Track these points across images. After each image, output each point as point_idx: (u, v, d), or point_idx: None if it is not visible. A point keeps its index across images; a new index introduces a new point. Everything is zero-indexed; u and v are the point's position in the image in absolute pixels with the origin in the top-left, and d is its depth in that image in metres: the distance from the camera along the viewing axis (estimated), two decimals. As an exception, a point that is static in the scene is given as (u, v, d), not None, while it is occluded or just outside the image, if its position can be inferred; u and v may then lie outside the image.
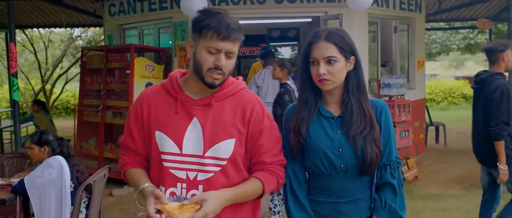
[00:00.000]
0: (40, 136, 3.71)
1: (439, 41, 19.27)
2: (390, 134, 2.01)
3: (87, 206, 3.72)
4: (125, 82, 6.96)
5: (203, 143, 1.86)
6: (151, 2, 7.41)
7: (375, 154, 1.94)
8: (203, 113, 1.88)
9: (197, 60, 1.83)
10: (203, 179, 1.86)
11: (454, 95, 17.44)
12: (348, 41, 1.96)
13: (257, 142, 1.94)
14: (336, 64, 1.92)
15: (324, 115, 2.01)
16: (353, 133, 1.93)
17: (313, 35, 1.99)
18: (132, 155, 2.01)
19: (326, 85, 1.94)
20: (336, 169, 1.97)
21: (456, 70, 32.17)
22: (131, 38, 8.23)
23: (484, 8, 11.17)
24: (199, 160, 1.86)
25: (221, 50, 1.80)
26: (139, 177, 1.93)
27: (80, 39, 14.39)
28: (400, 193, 2.01)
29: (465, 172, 7.24)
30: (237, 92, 1.96)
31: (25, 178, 3.59)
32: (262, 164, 1.95)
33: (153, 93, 1.98)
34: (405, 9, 8.02)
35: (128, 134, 2.01)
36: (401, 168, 2.03)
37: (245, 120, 1.92)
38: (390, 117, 2.04)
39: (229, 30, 1.78)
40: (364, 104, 1.97)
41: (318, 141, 1.97)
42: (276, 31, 10.71)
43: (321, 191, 2.03)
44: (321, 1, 6.99)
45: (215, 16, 1.80)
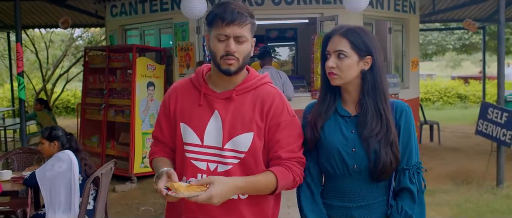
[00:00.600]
0: (50, 131, 3.90)
1: (435, 42, 19.49)
2: (410, 137, 1.94)
3: (95, 198, 3.92)
4: (127, 82, 7.16)
5: (223, 135, 1.90)
6: (152, 3, 7.61)
7: (390, 159, 1.87)
8: (224, 106, 1.92)
9: (211, 50, 1.89)
10: (222, 171, 1.89)
11: (450, 95, 17.66)
12: (365, 40, 1.91)
13: (275, 136, 1.93)
14: (346, 60, 1.89)
15: (341, 113, 1.98)
16: (366, 134, 1.89)
17: (332, 30, 1.98)
18: (160, 145, 2.07)
19: (333, 79, 1.91)
20: (349, 170, 1.92)
21: (452, 70, 32.35)
22: (132, 38, 8.43)
23: (478, 10, 11.38)
24: (219, 152, 1.90)
25: (229, 35, 1.83)
26: (163, 163, 1.96)
27: (81, 39, 14.55)
28: (419, 199, 1.93)
29: (457, 169, 7.45)
30: (260, 87, 1.97)
31: (36, 171, 3.79)
32: (278, 159, 1.93)
33: (181, 86, 2.04)
34: (400, 10, 8.24)
35: (157, 125, 2.08)
36: (422, 173, 1.95)
37: (263, 113, 1.92)
38: (411, 120, 1.96)
39: (233, 15, 1.81)
40: (380, 106, 1.91)
41: (332, 138, 1.94)
42: (274, 31, 10.92)
43: (334, 194, 1.99)
44: (317, 3, 7.20)
45: (223, 5, 1.84)
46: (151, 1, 7.59)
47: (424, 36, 19.49)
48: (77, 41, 14.75)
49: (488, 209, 5.42)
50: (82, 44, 14.77)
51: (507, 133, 5.95)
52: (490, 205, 5.57)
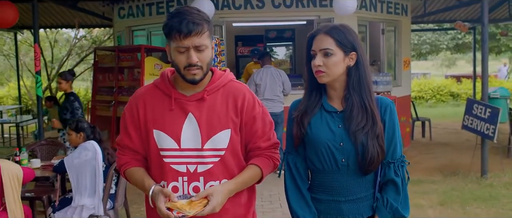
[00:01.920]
0: (77, 124, 4.36)
1: (429, 42, 19.96)
2: (394, 132, 1.99)
3: (116, 183, 4.38)
4: (136, 80, 7.58)
5: (201, 136, 1.93)
6: (159, 6, 8.04)
7: (377, 151, 1.92)
8: (197, 108, 1.95)
9: (173, 62, 1.91)
10: (203, 171, 1.93)
11: (442, 93, 18.15)
12: (348, 37, 1.95)
13: (252, 129, 2.01)
14: (332, 57, 1.93)
15: (327, 109, 2.01)
16: (353, 128, 1.93)
17: (315, 29, 2.02)
18: (130, 153, 2.05)
19: (321, 77, 1.95)
20: (337, 164, 1.96)
21: (448, 69, 32.76)
22: (139, 38, 8.85)
23: (468, 11, 11.86)
24: (199, 153, 1.93)
25: (188, 47, 1.84)
26: (142, 177, 1.98)
27: (85, 39, 14.96)
28: (403, 192, 1.99)
29: (447, 162, 7.91)
30: (227, 84, 2.02)
31: (64, 159, 4.24)
32: (258, 150, 2.03)
33: (147, 93, 2.03)
34: (392, 12, 8.70)
35: (125, 133, 2.04)
36: (406, 167, 2.02)
37: (237, 109, 1.98)
38: (395, 115, 2.02)
39: (189, 26, 1.81)
40: (366, 100, 1.96)
41: (319, 134, 1.97)
42: (273, 32, 11.37)
43: (322, 188, 2.03)
44: (314, 6, 7.66)
45: (177, 16, 1.84)
46: (157, 3, 8.02)
47: (419, 36, 19.96)
48: (81, 41, 15.14)
49: (471, 197, 5.89)
50: (86, 44, 15.18)
51: (490, 127, 6.44)
52: (474, 193, 6.05)
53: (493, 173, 6.92)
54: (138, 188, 2.03)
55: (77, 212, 4.15)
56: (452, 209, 5.42)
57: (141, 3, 8.24)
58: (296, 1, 7.65)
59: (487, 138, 6.59)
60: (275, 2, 7.62)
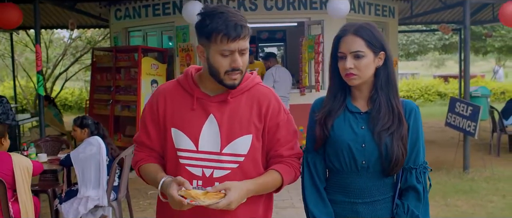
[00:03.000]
0: (82, 120, 4.63)
1: (417, 42, 20.37)
2: (418, 137, 1.93)
3: (119, 176, 4.66)
4: (133, 79, 7.86)
5: (220, 140, 1.85)
6: (155, 8, 8.31)
7: (402, 152, 1.87)
8: (219, 110, 1.87)
9: (212, 65, 1.81)
10: (219, 176, 1.85)
11: (430, 93, 18.60)
12: (377, 36, 1.90)
13: (275, 136, 1.92)
14: (364, 59, 1.87)
15: (351, 109, 1.95)
16: (379, 129, 1.87)
17: (342, 29, 1.94)
18: (147, 151, 1.99)
19: (352, 80, 1.90)
20: (357, 166, 1.91)
21: (437, 69, 33.28)
22: (135, 39, 9.11)
23: (454, 13, 12.23)
24: (216, 157, 1.85)
25: (234, 50, 1.77)
26: (156, 171, 1.91)
27: (80, 40, 15.19)
28: (424, 199, 1.94)
29: (432, 159, 8.24)
30: (253, 87, 1.94)
31: (70, 153, 4.51)
32: (280, 157, 1.94)
33: (169, 89, 1.96)
34: (380, 14, 9.03)
35: (143, 130, 1.98)
36: (428, 173, 1.96)
37: (261, 114, 1.89)
38: (420, 120, 1.96)
39: (237, 30, 1.74)
40: (393, 101, 1.91)
41: (342, 135, 1.91)
42: (265, 33, 11.70)
43: (339, 189, 1.98)
44: (305, 9, 7.98)
45: (220, 17, 1.74)
46: (154, 5, 8.29)
47: (407, 36, 20.36)
48: (76, 42, 15.36)
49: (453, 190, 6.23)
50: (81, 44, 15.40)
51: (472, 124, 6.78)
52: (455, 186, 6.39)
53: (474, 168, 7.28)
54: (151, 183, 1.95)
55: (82, 203, 4.42)
56: (434, 201, 5.74)
57: (137, 5, 8.50)
58: (287, 4, 7.96)
59: (469, 135, 6.93)
60: (268, 4, 7.92)
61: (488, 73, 27.14)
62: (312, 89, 7.83)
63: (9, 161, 4.01)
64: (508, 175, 6.94)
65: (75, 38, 15.01)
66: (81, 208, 4.42)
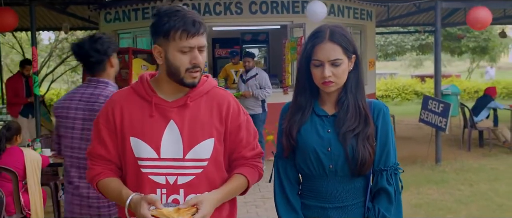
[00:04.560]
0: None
1: (394, 43, 21.05)
2: (388, 138, 1.90)
3: (119, 168, 5.05)
4: (124, 80, 8.20)
5: (183, 146, 1.81)
6: (145, 11, 8.69)
7: (369, 152, 1.84)
8: (179, 115, 1.83)
9: (171, 64, 1.77)
10: (183, 183, 1.82)
11: (407, 92, 19.28)
12: (350, 40, 1.87)
13: (237, 138, 1.91)
14: (341, 66, 1.84)
15: (318, 113, 1.93)
16: (344, 130, 1.85)
17: (315, 35, 1.88)
18: (104, 163, 1.90)
19: (330, 87, 1.87)
20: (325, 170, 1.89)
21: (415, 69, 34.06)
22: (124, 41, 9.46)
23: (429, 15, 12.84)
24: (179, 163, 1.81)
25: (194, 47, 1.75)
26: (119, 187, 1.83)
27: (66, 41, 15.43)
28: (396, 201, 1.90)
29: (408, 153, 8.73)
30: (211, 90, 1.91)
31: (74, 148, 4.89)
32: (243, 159, 1.93)
33: (124, 97, 1.90)
34: (358, 18, 9.54)
35: (98, 141, 1.89)
36: (399, 174, 1.92)
37: (222, 117, 1.87)
38: (388, 120, 1.93)
39: (196, 26, 1.73)
40: (360, 102, 1.89)
41: (308, 140, 1.90)
42: (248, 35, 12.11)
43: (311, 194, 1.96)
44: (287, 12, 8.45)
45: (176, 15, 1.74)
46: (143, 9, 8.67)
47: (385, 38, 21.02)
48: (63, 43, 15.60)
49: (425, 180, 6.76)
50: (67, 46, 15.64)
51: (443, 120, 7.32)
52: (428, 177, 6.92)
53: (446, 161, 7.83)
54: (113, 199, 1.92)
55: (85, 193, 4.80)
56: (409, 191, 6.23)
57: (127, 9, 8.86)
58: (271, 8, 8.41)
59: (440, 130, 7.47)
60: (252, 8, 8.37)
61: (463, 73, 28.01)
62: (294, 89, 8.28)
63: (21, 155, 4.37)
64: (476, 167, 7.50)
65: (62, 40, 15.25)
66: (84, 198, 4.79)
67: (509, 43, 27.11)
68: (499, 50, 24.28)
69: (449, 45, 19.45)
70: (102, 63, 2.68)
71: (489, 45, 19.41)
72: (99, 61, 2.67)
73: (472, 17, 7.78)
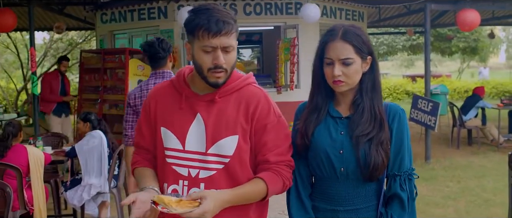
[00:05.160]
0: (85, 115, 5.15)
1: (386, 43, 21.29)
2: (403, 142, 1.85)
3: (119, 165, 5.20)
4: (120, 80, 8.35)
5: (206, 140, 1.82)
6: (141, 12, 8.83)
7: (381, 158, 1.80)
8: (207, 109, 1.83)
9: (196, 62, 1.79)
10: (205, 177, 1.82)
11: (398, 92, 19.53)
12: (365, 41, 1.84)
13: (262, 139, 1.84)
14: (352, 66, 1.81)
15: (332, 114, 1.91)
16: (358, 133, 1.82)
17: (328, 33, 1.87)
18: (143, 153, 1.99)
19: (340, 87, 1.84)
20: (336, 173, 1.86)
21: (406, 69, 34.40)
22: (120, 41, 9.60)
23: (419, 16, 13.07)
24: (202, 157, 1.82)
25: (216, 47, 1.73)
26: (146, 176, 1.91)
27: (61, 42, 15.52)
28: (410, 207, 1.86)
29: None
30: (244, 87, 1.88)
31: (75, 145, 5.03)
32: (267, 163, 1.85)
33: (161, 89, 1.96)
34: (350, 19, 9.74)
35: (138, 132, 2.00)
36: (414, 180, 1.89)
37: (248, 115, 1.84)
38: (404, 124, 1.87)
39: (219, 25, 1.70)
40: (376, 106, 1.85)
41: (320, 141, 1.88)
42: (243, 35, 12.28)
43: (322, 196, 1.94)
44: (281, 14, 8.63)
45: (204, 13, 1.72)
46: (139, 10, 8.81)
47: (377, 38, 21.24)
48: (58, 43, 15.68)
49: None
50: (62, 46, 15.74)
51: (432, 119, 7.54)
52: (417, 174, 7.11)
53: (435, 158, 8.05)
54: (140, 188, 1.93)
55: (86, 190, 4.94)
56: (398, 187, 6.45)
57: (123, 10, 8.99)
58: (265, 9, 8.59)
59: (429, 128, 7.69)
60: (247, 10, 8.54)
61: (454, 73, 28.35)
62: (287, 88, 8.46)
63: (24, 152, 4.52)
64: (464, 164, 7.73)
65: (56, 40, 15.33)
66: (85, 194, 4.94)
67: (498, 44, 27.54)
68: (489, 51, 24.66)
69: (439, 46, 19.68)
70: (165, 58, 3.46)
71: (478, 45, 19.68)
72: (163, 57, 3.44)
73: (461, 19, 8.00)
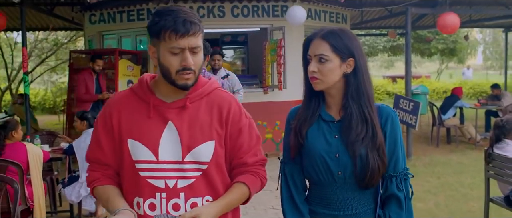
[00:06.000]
0: (82, 114, 5.32)
1: (367, 44, 21.69)
2: (396, 143, 1.87)
3: (115, 163, 5.39)
4: (110, 79, 8.51)
5: (181, 148, 1.76)
6: (130, 14, 8.98)
7: (378, 164, 1.81)
8: (178, 116, 1.78)
9: (162, 64, 1.73)
10: (184, 186, 1.76)
11: (379, 92, 19.94)
12: (346, 42, 1.83)
13: (237, 142, 1.84)
14: (327, 64, 1.82)
15: (324, 118, 1.91)
16: (352, 139, 1.82)
17: (312, 33, 1.91)
18: (102, 169, 1.86)
19: (316, 84, 1.86)
20: (333, 177, 1.86)
21: (386, 70, 34.93)
22: (109, 41, 9.72)
23: (400, 19, 13.44)
24: (179, 166, 1.76)
25: (184, 48, 1.69)
26: (109, 197, 1.79)
27: (46, 42, 15.53)
28: (407, 207, 1.88)
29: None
30: (212, 92, 1.86)
31: (73, 143, 5.20)
32: (245, 166, 1.86)
33: (122, 99, 1.86)
34: (334, 21, 10.03)
35: (96, 145, 1.86)
36: (409, 180, 1.90)
37: (222, 120, 1.82)
38: (397, 125, 1.90)
39: (186, 26, 1.67)
40: (365, 110, 1.84)
41: (315, 145, 1.88)
42: (228, 36, 12.48)
43: (319, 201, 1.93)
44: (268, 16, 8.88)
45: (169, 14, 1.68)
46: (128, 12, 8.96)
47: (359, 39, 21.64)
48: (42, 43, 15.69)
49: (397, 174, 7.27)
50: (47, 46, 15.75)
51: (413, 118, 7.85)
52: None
53: (416, 156, 8.39)
54: (106, 209, 1.87)
55: (83, 186, 5.11)
56: (382, 183, 6.74)
57: (112, 11, 9.13)
58: (252, 12, 8.82)
59: (411, 127, 8.01)
60: (234, 12, 8.76)
61: (433, 74, 28.96)
62: (274, 88, 8.70)
63: (24, 150, 4.67)
64: (443, 161, 8.08)
65: (41, 40, 15.35)
66: (82, 190, 5.11)
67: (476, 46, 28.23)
68: (467, 52, 25.28)
69: (419, 47, 20.13)
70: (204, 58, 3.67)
71: (457, 47, 20.20)
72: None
73: (441, 23, 8.34)
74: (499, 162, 4.26)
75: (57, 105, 16.40)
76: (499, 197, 4.45)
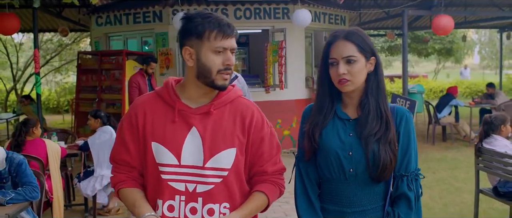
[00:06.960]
0: (96, 112, 5.63)
1: (365, 45, 22.01)
2: (410, 143, 1.90)
3: (127, 158, 5.69)
4: (117, 80, 8.80)
5: (203, 153, 1.79)
6: (136, 16, 9.29)
7: (390, 158, 1.83)
8: (202, 122, 1.81)
9: (203, 64, 1.77)
10: (202, 191, 1.80)
11: (378, 91, 20.23)
12: (367, 41, 1.87)
13: (258, 151, 1.87)
14: (356, 64, 1.84)
15: (340, 116, 1.93)
16: (366, 134, 1.85)
17: (331, 35, 1.92)
18: (127, 170, 1.90)
19: (346, 86, 1.86)
20: (345, 174, 1.89)
21: (384, 70, 35.02)
22: (115, 42, 10.03)
23: (397, 20, 13.77)
24: (199, 171, 1.79)
25: (227, 48, 1.76)
26: (135, 201, 1.84)
27: (51, 43, 15.82)
28: (416, 207, 1.91)
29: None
30: (235, 99, 1.89)
31: (88, 139, 5.51)
32: (264, 174, 1.89)
33: (148, 101, 1.89)
34: (333, 23, 10.35)
35: (121, 146, 1.89)
36: (420, 180, 1.93)
37: (245, 128, 1.85)
38: (411, 126, 1.93)
39: (231, 27, 1.76)
40: (382, 106, 1.88)
41: (329, 143, 1.90)
42: (230, 37, 12.82)
43: (330, 198, 1.96)
44: (269, 18, 9.20)
45: (210, 16, 1.75)
46: (134, 14, 9.27)
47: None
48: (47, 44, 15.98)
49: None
50: (51, 47, 16.04)
51: (409, 116, 8.17)
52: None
53: (412, 153, 8.67)
54: (130, 211, 1.90)
55: (98, 181, 5.42)
56: (379, 178, 7.06)
57: (119, 13, 9.44)
58: (254, 14, 9.14)
59: (407, 125, 8.32)
60: (237, 14, 9.08)
61: (431, 74, 29.28)
62: (276, 88, 9.01)
63: (43, 146, 4.98)
64: (438, 158, 8.40)
65: (46, 41, 15.65)
66: (97, 185, 5.42)
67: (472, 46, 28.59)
68: (464, 52, 25.62)
69: (416, 47, 20.46)
70: None
71: (453, 47, 20.52)
72: None
73: (435, 24, 8.67)
74: (488, 156, 4.59)
75: (61, 105, 16.68)
76: (488, 188, 4.77)
